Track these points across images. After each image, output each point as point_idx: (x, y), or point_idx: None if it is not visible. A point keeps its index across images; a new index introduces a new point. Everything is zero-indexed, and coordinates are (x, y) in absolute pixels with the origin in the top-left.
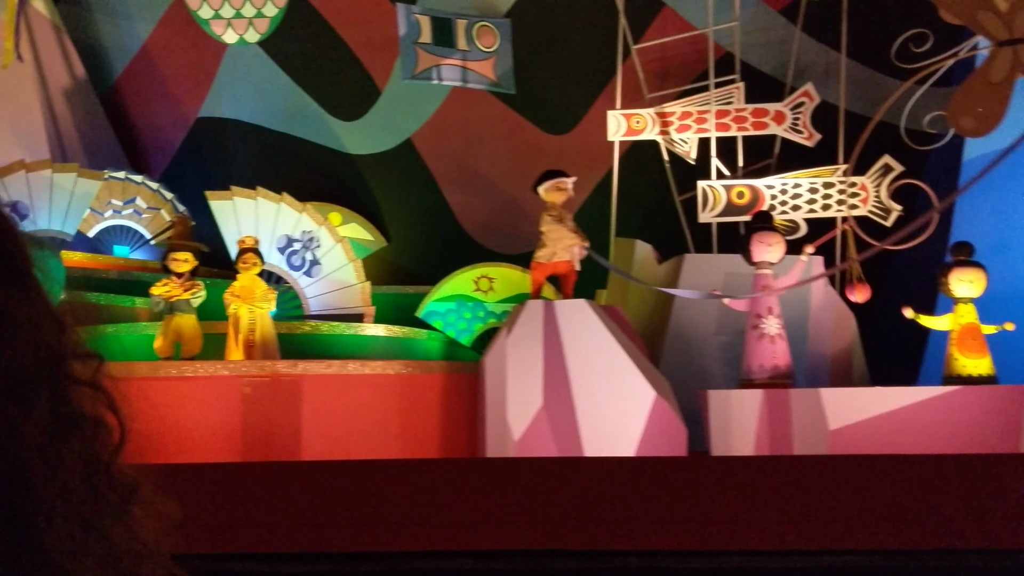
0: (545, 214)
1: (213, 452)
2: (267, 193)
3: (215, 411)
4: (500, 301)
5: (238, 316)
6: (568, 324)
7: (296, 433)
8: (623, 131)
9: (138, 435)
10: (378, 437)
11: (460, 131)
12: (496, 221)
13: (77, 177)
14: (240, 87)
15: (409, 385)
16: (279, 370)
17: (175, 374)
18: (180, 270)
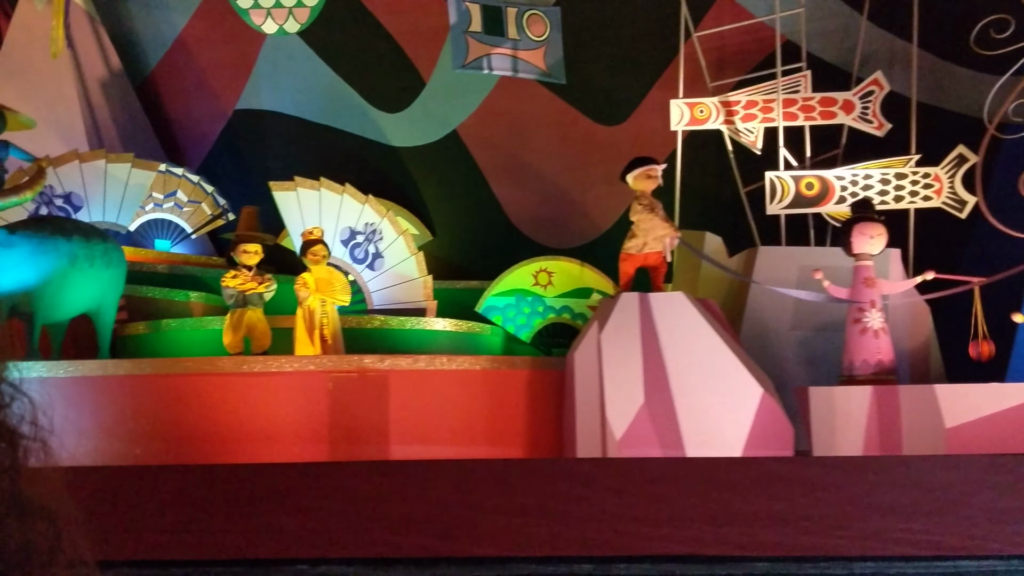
0: (635, 203)
1: (299, 450)
2: (330, 184)
3: (301, 407)
4: (559, 296)
5: (311, 310)
6: (665, 318)
7: (383, 430)
8: (686, 120)
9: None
10: (465, 434)
11: (508, 122)
12: (546, 214)
13: (131, 168)
14: (280, 78)
15: (496, 381)
16: (366, 365)
17: (259, 370)
18: (250, 262)
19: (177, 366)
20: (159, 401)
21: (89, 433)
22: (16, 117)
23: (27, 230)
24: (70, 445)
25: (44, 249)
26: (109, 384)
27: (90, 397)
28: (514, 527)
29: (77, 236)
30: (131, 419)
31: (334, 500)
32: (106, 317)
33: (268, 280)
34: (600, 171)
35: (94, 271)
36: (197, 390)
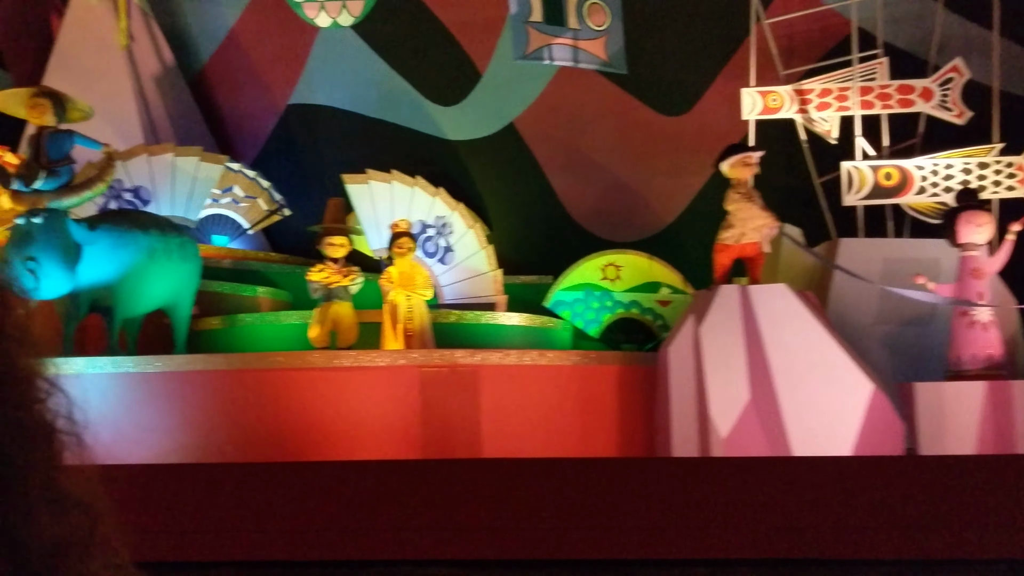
0: (731, 192)
1: (390, 446)
2: (402, 176)
3: (391, 403)
4: (628, 290)
5: (395, 304)
6: (767, 311)
7: (475, 426)
8: (758, 109)
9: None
10: (556, 430)
11: (567, 114)
12: (606, 207)
13: (199, 161)
14: (333, 72)
15: (586, 377)
16: (458, 360)
17: (349, 364)
18: (336, 255)
19: (267, 360)
20: (249, 396)
21: (178, 429)
22: (75, 105)
23: (107, 224)
24: (157, 441)
25: (124, 243)
26: (198, 379)
27: (179, 392)
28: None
29: (154, 230)
30: (220, 415)
31: (432, 499)
32: (182, 312)
33: (353, 273)
34: (663, 162)
35: (171, 265)
36: (287, 385)
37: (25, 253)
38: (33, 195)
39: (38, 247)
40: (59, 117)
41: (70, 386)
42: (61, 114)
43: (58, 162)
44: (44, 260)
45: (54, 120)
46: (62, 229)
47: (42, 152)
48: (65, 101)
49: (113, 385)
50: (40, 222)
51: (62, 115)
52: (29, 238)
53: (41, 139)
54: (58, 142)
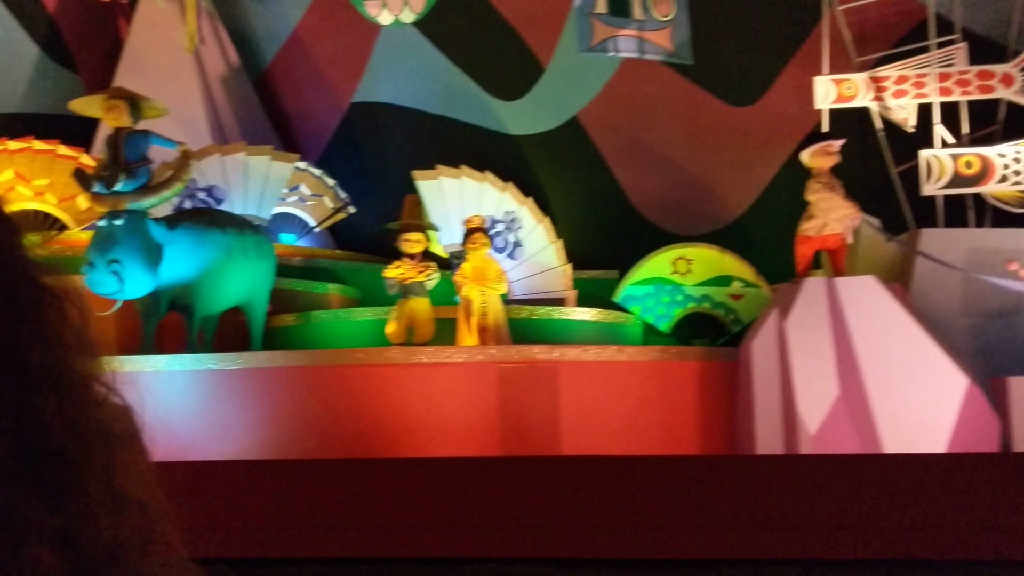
0: (812, 182)
1: (470, 443)
2: (471, 172)
3: (470, 399)
4: (699, 284)
5: (470, 299)
6: (854, 304)
7: (554, 422)
8: (832, 98)
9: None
10: (636, 427)
11: (632, 106)
12: (673, 200)
13: (271, 160)
14: (395, 70)
15: (667, 372)
16: (536, 355)
17: (428, 360)
18: (413, 251)
19: (347, 357)
20: (329, 392)
21: (259, 425)
22: (149, 104)
23: (186, 223)
24: (239, 437)
25: (202, 242)
26: (279, 375)
27: (261, 389)
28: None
29: (232, 228)
30: (301, 411)
31: (515, 496)
32: (258, 309)
33: (429, 268)
34: (731, 154)
35: (248, 263)
36: (366, 381)
37: (109, 255)
38: (113, 197)
39: (121, 248)
40: (135, 118)
41: (152, 383)
42: (136, 114)
43: (136, 163)
44: (127, 261)
45: (130, 121)
46: (143, 230)
47: (120, 153)
48: (140, 101)
49: (195, 382)
50: (122, 223)
51: (137, 115)
52: (112, 240)
53: (119, 140)
54: (135, 142)
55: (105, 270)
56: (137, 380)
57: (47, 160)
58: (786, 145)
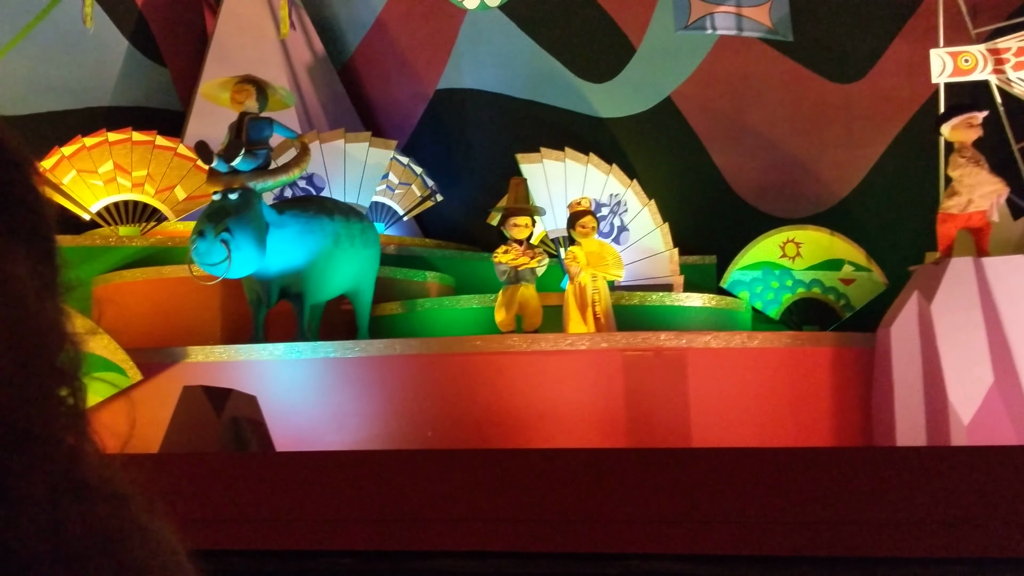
0: (955, 156)
1: (595, 434)
2: (575, 154)
3: (595, 388)
4: (808, 268)
5: (582, 286)
6: (1004, 285)
7: (683, 412)
8: (949, 71)
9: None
10: (767, 417)
11: (728, 86)
12: (774, 182)
13: (369, 147)
14: (481, 55)
15: (798, 360)
16: (663, 342)
17: (550, 348)
18: (521, 236)
19: (466, 344)
20: (448, 381)
21: (377, 415)
22: (276, 92)
23: (294, 209)
24: (357, 427)
25: (311, 228)
26: (397, 364)
27: (378, 377)
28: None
29: (338, 215)
30: (419, 400)
31: (644, 490)
32: (365, 297)
33: (540, 254)
34: (835, 133)
35: (354, 251)
36: (486, 369)
37: (220, 226)
38: (230, 174)
39: (233, 221)
40: (261, 104)
41: (270, 372)
42: (263, 101)
43: (257, 144)
44: (238, 234)
45: (256, 107)
46: (256, 208)
47: (243, 135)
48: (267, 88)
49: (313, 370)
50: (236, 199)
51: (264, 103)
52: (224, 212)
53: (243, 124)
54: (259, 127)
55: (214, 240)
56: (254, 369)
57: (145, 151)
58: (894, 123)
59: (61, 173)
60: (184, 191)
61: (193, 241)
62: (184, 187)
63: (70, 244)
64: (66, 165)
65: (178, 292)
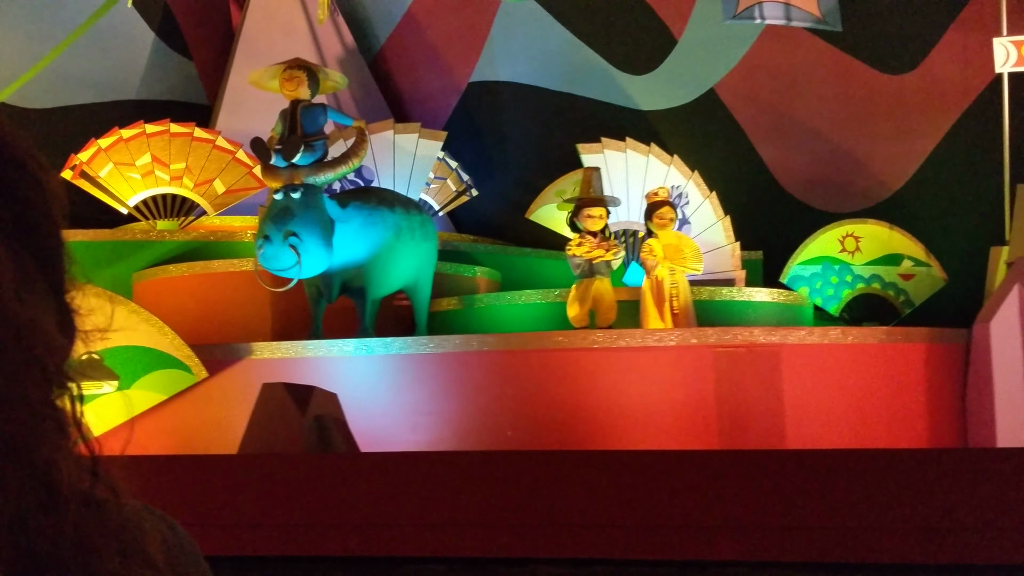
0: None
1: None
2: (636, 144)
3: (684, 386)
4: (868, 263)
5: (660, 280)
6: None
7: (777, 411)
8: (1013, 61)
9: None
10: (862, 416)
11: (775, 77)
12: (822, 176)
13: (419, 138)
14: (515, 47)
15: (893, 357)
16: (756, 339)
17: (637, 343)
18: (595, 228)
19: (547, 340)
20: (528, 378)
21: (453, 413)
22: (328, 77)
23: (356, 201)
24: (432, 426)
25: (373, 221)
26: (472, 360)
27: (452, 375)
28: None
29: (399, 207)
30: (499, 398)
31: (735, 493)
32: (424, 292)
33: (616, 247)
34: (887, 125)
35: (414, 244)
36: (569, 366)
37: (286, 228)
38: (289, 170)
39: (299, 222)
40: (312, 91)
41: (339, 370)
42: (315, 87)
43: (313, 136)
44: (306, 235)
45: (308, 93)
46: (320, 205)
47: (298, 126)
48: (318, 73)
49: (384, 367)
50: (299, 197)
51: (315, 88)
52: (289, 213)
53: (296, 113)
54: (313, 116)
55: (282, 244)
56: (323, 366)
57: (183, 143)
58: (949, 114)
59: (98, 166)
60: (223, 184)
61: (259, 246)
62: (223, 180)
63: (109, 239)
64: (103, 158)
65: (225, 287)
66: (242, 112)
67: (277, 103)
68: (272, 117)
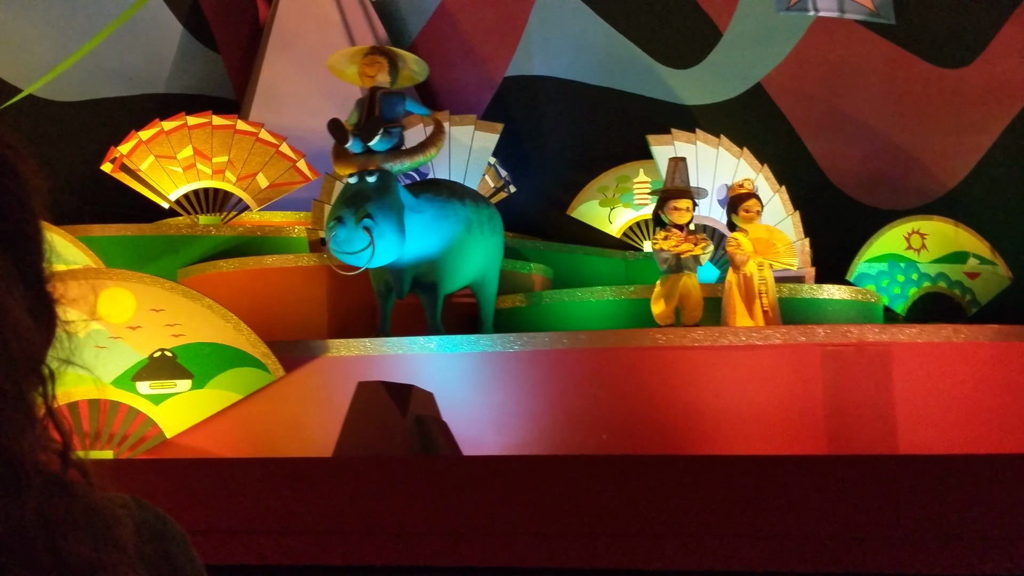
0: None
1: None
2: (706, 136)
3: (790, 387)
4: (934, 261)
5: (748, 275)
6: None
7: (889, 413)
8: None
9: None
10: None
11: (825, 70)
12: (875, 172)
13: (474, 131)
14: (553, 40)
15: (1005, 355)
16: (866, 337)
17: (741, 342)
18: (682, 221)
19: (645, 338)
20: (623, 378)
21: (543, 414)
22: (408, 66)
23: (428, 192)
24: (520, 427)
25: (445, 214)
26: (563, 358)
27: (542, 373)
28: None
29: (468, 200)
30: (592, 398)
31: (848, 500)
32: (490, 288)
33: (704, 240)
34: (943, 121)
35: (484, 239)
36: (666, 365)
37: (361, 211)
38: (364, 156)
39: (374, 205)
40: (392, 78)
41: (421, 368)
42: (395, 74)
43: (391, 123)
44: (380, 220)
45: (388, 80)
46: (395, 191)
47: (376, 112)
48: (399, 60)
49: (469, 366)
50: (374, 182)
51: (395, 76)
52: (364, 197)
53: (374, 100)
54: (391, 103)
55: (355, 227)
56: (403, 364)
57: (225, 136)
58: (1009, 108)
59: (139, 159)
60: (266, 179)
61: (331, 228)
62: (266, 174)
63: (152, 233)
64: (143, 150)
65: (279, 283)
66: (275, 106)
67: (311, 98)
68: (306, 112)
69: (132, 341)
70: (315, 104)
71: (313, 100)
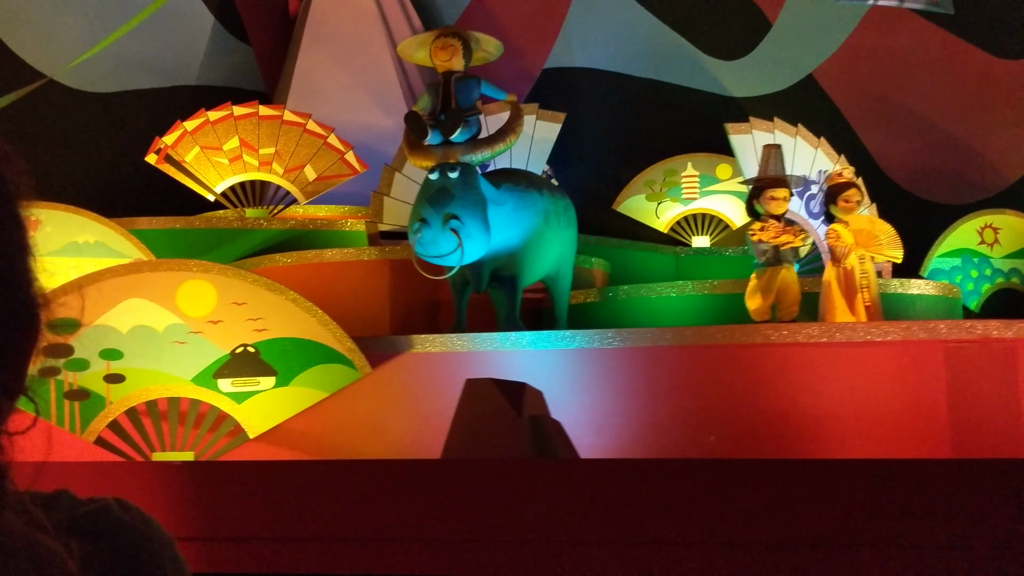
0: None
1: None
2: (784, 126)
3: (910, 385)
4: (1007, 256)
5: (848, 269)
6: None
7: (1016, 413)
8: None
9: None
10: None
11: (879, 62)
12: (932, 166)
13: (536, 120)
14: (594, 32)
15: None
16: (991, 332)
17: (857, 339)
18: (780, 211)
19: (752, 334)
20: (729, 377)
21: (644, 414)
22: (481, 45)
23: (508, 183)
24: (621, 428)
25: (524, 205)
26: (666, 356)
27: (644, 371)
28: None
29: (546, 190)
30: (697, 398)
31: (974, 506)
32: (564, 282)
33: (803, 232)
34: (1003, 112)
35: (560, 231)
36: (776, 363)
37: (446, 211)
38: (442, 148)
39: (459, 204)
40: (467, 61)
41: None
42: (468, 57)
43: (469, 111)
44: (467, 219)
45: (463, 64)
46: (478, 186)
47: (452, 100)
48: (471, 41)
49: (565, 363)
50: (457, 177)
51: (469, 59)
52: (448, 195)
53: (448, 86)
54: (467, 89)
55: (442, 228)
56: (494, 361)
57: (272, 127)
58: None
59: (184, 150)
60: (314, 171)
61: (416, 230)
62: (314, 166)
63: (202, 226)
64: (189, 141)
65: (339, 278)
66: (311, 97)
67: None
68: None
69: (213, 336)
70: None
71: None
